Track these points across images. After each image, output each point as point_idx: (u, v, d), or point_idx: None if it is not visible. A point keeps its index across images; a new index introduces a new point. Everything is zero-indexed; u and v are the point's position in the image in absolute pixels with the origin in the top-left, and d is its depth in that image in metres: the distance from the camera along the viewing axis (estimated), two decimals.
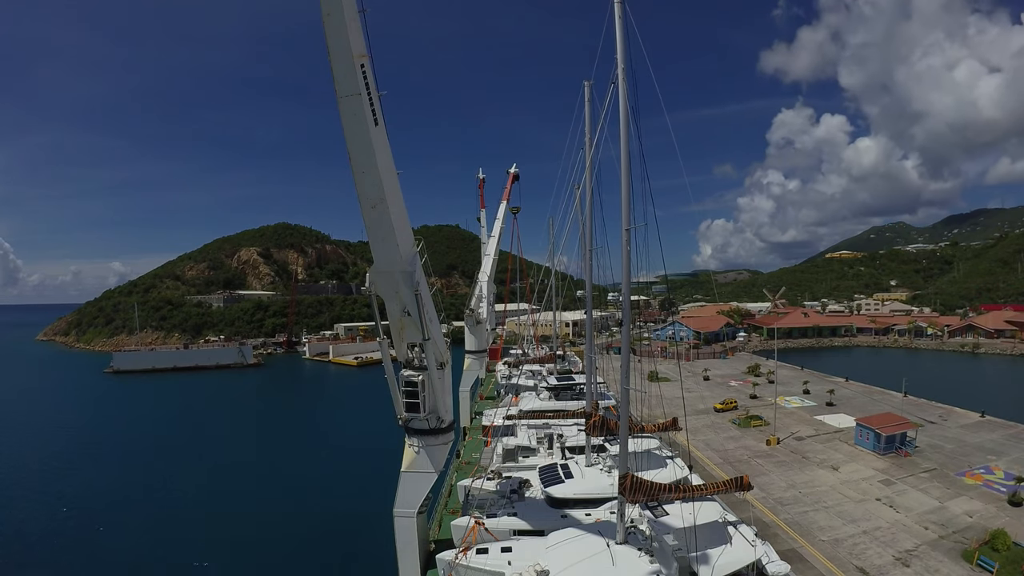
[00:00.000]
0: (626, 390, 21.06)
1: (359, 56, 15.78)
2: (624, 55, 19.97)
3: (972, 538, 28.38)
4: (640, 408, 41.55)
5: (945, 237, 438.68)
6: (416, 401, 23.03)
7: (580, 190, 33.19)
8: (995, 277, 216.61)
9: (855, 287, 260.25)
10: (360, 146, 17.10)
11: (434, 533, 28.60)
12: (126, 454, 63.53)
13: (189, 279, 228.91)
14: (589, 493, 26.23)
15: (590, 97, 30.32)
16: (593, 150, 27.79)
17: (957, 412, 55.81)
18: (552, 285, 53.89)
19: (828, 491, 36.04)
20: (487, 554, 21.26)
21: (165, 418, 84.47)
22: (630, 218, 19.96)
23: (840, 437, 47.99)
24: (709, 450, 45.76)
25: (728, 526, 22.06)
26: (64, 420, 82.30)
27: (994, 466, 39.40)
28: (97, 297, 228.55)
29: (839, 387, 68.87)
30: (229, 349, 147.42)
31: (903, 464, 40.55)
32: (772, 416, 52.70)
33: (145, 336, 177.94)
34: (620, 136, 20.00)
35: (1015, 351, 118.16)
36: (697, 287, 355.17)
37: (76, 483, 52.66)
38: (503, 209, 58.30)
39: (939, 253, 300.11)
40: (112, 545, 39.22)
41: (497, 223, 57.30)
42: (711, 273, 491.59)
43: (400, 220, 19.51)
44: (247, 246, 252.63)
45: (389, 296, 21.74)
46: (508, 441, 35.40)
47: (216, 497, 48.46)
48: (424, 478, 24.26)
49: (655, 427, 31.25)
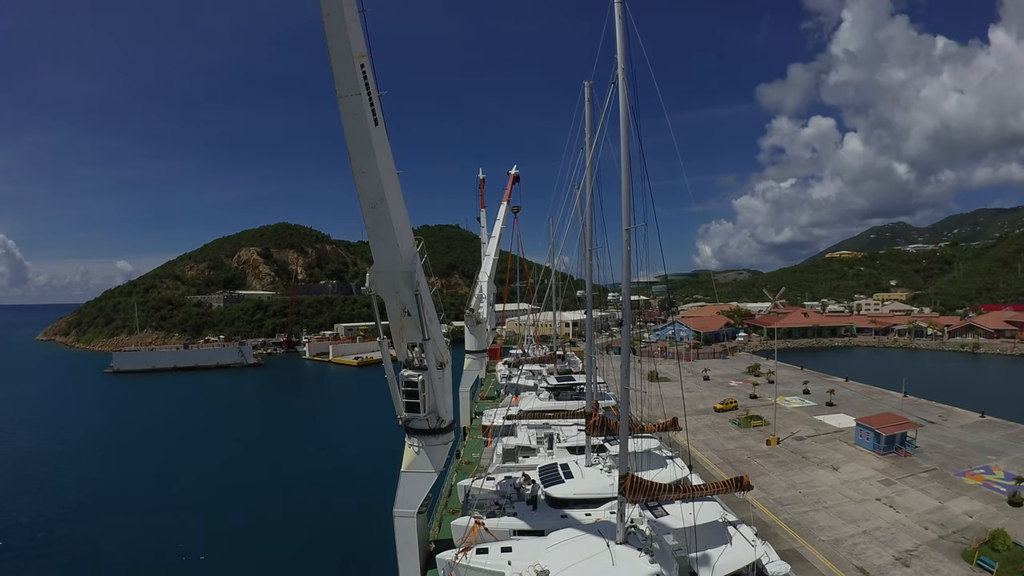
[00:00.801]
0: (626, 390, 21.05)
1: (359, 56, 15.77)
2: (624, 55, 19.97)
3: (972, 538, 28.38)
4: (640, 408, 41.55)
5: (945, 237, 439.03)
6: (416, 401, 23.03)
7: (580, 190, 33.17)
8: (995, 277, 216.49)
9: (855, 287, 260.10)
10: (360, 146, 17.09)
11: (434, 533, 28.59)
12: (126, 454, 63.53)
13: (189, 279, 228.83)
14: (589, 493, 26.21)
15: (590, 97, 30.32)
16: (593, 150, 27.80)
17: (957, 412, 55.81)
18: (552, 285, 53.90)
19: (828, 491, 36.04)
20: (487, 554, 21.25)
21: (165, 418, 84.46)
22: (630, 218, 19.97)
23: (840, 437, 47.98)
24: (709, 450, 45.76)
25: (728, 526, 22.06)
26: (64, 419, 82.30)
27: (994, 466, 39.40)
28: (97, 297, 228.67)
29: (839, 387, 68.87)
30: (229, 349, 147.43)
31: (903, 464, 40.55)
32: (772, 416, 52.70)
33: (145, 336, 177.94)
34: (620, 136, 20.01)
35: (1015, 351, 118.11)
36: (697, 287, 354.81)
37: (76, 482, 52.66)
38: (503, 210, 58.44)
39: (939, 253, 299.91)
40: (112, 544, 39.23)
41: (497, 224, 57.47)
42: (711, 273, 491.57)
43: (400, 220, 19.50)
44: (247, 246, 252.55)
45: (389, 296, 21.73)
46: (508, 441, 35.41)
47: (216, 497, 48.47)
48: (424, 478, 24.25)
49: (655, 427, 31.24)
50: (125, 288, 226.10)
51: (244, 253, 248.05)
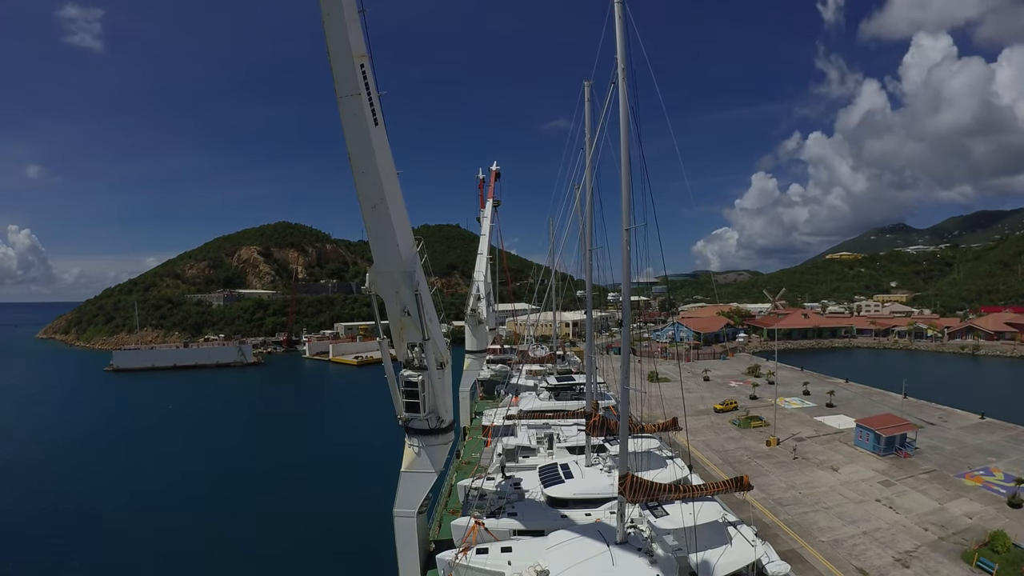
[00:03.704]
0: (626, 390, 21.04)
1: (359, 56, 15.78)
2: (624, 55, 19.97)
3: (972, 539, 28.41)
4: (640, 408, 41.56)
5: (945, 239, 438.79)
6: (416, 401, 23.03)
7: (580, 190, 33.14)
8: (995, 279, 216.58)
9: (855, 288, 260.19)
10: (360, 146, 17.10)
11: (434, 533, 28.59)
12: (126, 452, 63.46)
13: (189, 277, 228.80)
14: (589, 493, 26.21)
15: (590, 97, 30.33)
16: (593, 150, 27.78)
17: (957, 414, 55.79)
18: (552, 285, 53.85)
19: (828, 492, 36.05)
20: (487, 554, 21.25)
21: (165, 416, 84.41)
22: (630, 218, 19.96)
23: (840, 438, 47.99)
24: (709, 451, 45.75)
25: (728, 526, 22.05)
26: (64, 417, 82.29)
27: (994, 468, 39.40)
28: (97, 295, 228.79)
29: (839, 388, 68.88)
30: (229, 348, 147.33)
31: (903, 465, 40.55)
32: (772, 417, 52.69)
33: (145, 334, 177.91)
34: (620, 136, 20.00)
35: (1015, 353, 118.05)
36: (697, 288, 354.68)
37: (75, 480, 52.63)
38: (489, 207, 59.21)
39: (939, 255, 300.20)
40: (111, 543, 39.20)
41: (486, 221, 58.18)
42: (711, 274, 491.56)
43: (400, 220, 19.50)
44: (247, 245, 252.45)
45: (389, 296, 21.73)
46: (508, 441, 35.39)
47: (215, 496, 48.44)
48: (424, 478, 24.25)
49: (655, 427, 31.25)
50: (125, 286, 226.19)
51: (244, 252, 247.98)
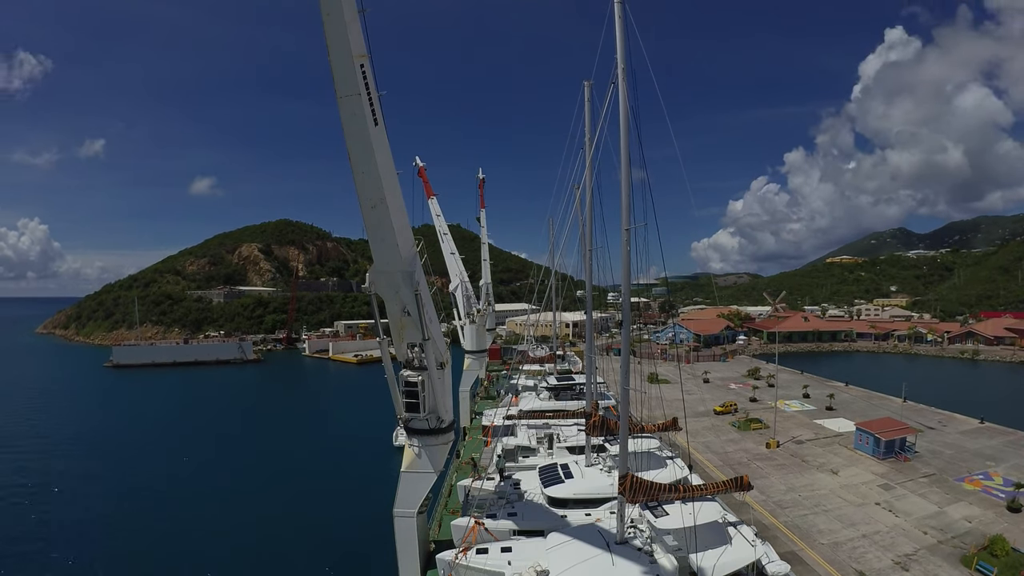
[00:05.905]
0: (626, 390, 21.04)
1: (359, 56, 15.76)
2: (624, 55, 19.95)
3: (971, 543, 28.39)
4: (640, 410, 41.43)
5: (946, 244, 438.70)
6: (416, 401, 23.03)
7: (580, 190, 33.13)
8: (995, 284, 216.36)
9: (855, 292, 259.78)
10: (360, 146, 17.09)
11: (434, 533, 28.60)
12: (125, 448, 63.43)
13: (189, 274, 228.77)
14: (589, 493, 26.23)
15: (590, 97, 30.32)
16: (593, 150, 27.78)
17: (957, 418, 55.76)
18: (552, 285, 53.81)
19: (828, 495, 36.03)
20: (487, 554, 21.25)
21: (165, 413, 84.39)
22: (630, 218, 19.94)
23: (840, 441, 47.96)
24: (709, 452, 45.73)
25: (728, 526, 22.05)
26: (64, 413, 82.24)
27: (993, 472, 39.38)
28: (97, 291, 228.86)
29: (839, 391, 68.84)
30: (229, 345, 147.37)
31: (902, 469, 40.53)
32: (772, 419, 52.67)
33: (145, 330, 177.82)
34: (620, 136, 19.99)
35: (1015, 358, 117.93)
36: (697, 289, 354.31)
37: (74, 477, 52.59)
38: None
39: (939, 260, 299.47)
40: (110, 541, 39.14)
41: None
42: (711, 276, 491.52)
43: (400, 220, 19.50)
44: (248, 242, 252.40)
45: (389, 296, 21.72)
46: (508, 441, 35.38)
47: (214, 495, 48.32)
48: (424, 478, 24.26)
49: (655, 427, 31.27)
50: (125, 282, 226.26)
51: (245, 249, 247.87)
